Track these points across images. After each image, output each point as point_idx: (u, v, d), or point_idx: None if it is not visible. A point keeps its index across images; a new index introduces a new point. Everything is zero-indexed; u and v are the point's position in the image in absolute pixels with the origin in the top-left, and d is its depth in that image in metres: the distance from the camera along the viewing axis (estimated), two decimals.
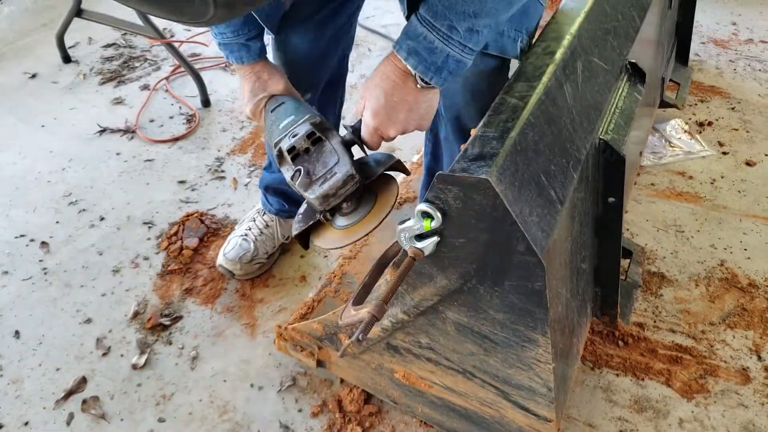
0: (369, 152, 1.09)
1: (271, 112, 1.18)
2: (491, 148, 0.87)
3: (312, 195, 1.01)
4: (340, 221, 1.07)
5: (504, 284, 0.92)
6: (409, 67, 0.98)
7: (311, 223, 1.09)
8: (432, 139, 1.46)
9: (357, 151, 1.07)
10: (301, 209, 1.13)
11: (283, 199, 1.69)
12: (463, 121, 1.27)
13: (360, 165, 1.05)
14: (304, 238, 1.12)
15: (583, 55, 1.14)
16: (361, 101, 1.05)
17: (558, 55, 1.07)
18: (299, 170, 1.03)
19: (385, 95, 1.00)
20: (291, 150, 1.06)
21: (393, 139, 1.06)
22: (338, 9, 1.36)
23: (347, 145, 1.06)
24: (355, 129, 1.07)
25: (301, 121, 1.09)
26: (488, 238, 0.88)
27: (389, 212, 1.01)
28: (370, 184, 1.05)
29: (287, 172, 1.06)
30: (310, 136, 1.06)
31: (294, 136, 1.06)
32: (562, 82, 1.05)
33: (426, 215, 0.89)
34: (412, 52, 0.96)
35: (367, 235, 1.04)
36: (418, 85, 1.00)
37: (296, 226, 1.11)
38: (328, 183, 1.00)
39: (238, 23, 1.19)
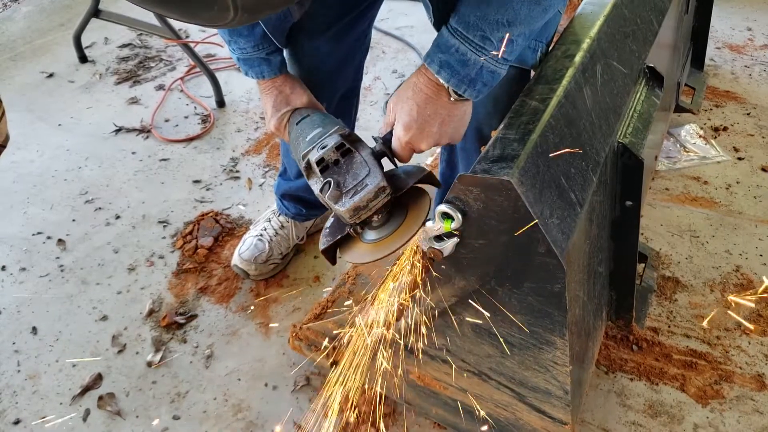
0: (399, 164, 1.07)
1: (296, 124, 1.15)
2: (512, 150, 0.88)
3: (342, 207, 0.98)
4: (370, 235, 1.03)
5: (523, 286, 0.92)
6: (441, 81, 0.96)
7: (339, 237, 1.05)
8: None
9: (386, 164, 1.04)
10: (328, 223, 1.09)
11: (300, 204, 1.69)
12: (483, 131, 1.26)
13: (390, 177, 1.01)
14: (332, 253, 1.08)
15: (603, 59, 1.14)
16: (391, 114, 1.03)
17: (577, 58, 1.07)
18: (329, 182, 0.99)
19: (417, 109, 0.98)
20: (320, 162, 1.02)
21: (424, 151, 1.05)
22: (354, 21, 1.34)
23: (377, 156, 1.03)
24: (386, 140, 1.04)
25: (330, 132, 1.06)
26: (508, 239, 0.88)
27: (421, 226, 0.96)
28: (400, 197, 1.01)
29: (316, 184, 1.03)
30: (339, 147, 1.02)
31: (323, 148, 1.03)
32: (581, 85, 1.05)
33: (446, 216, 0.89)
34: (444, 65, 0.94)
35: (397, 249, 1.00)
36: (452, 98, 0.98)
37: (323, 240, 1.07)
38: (359, 195, 0.97)
39: (258, 37, 1.16)
